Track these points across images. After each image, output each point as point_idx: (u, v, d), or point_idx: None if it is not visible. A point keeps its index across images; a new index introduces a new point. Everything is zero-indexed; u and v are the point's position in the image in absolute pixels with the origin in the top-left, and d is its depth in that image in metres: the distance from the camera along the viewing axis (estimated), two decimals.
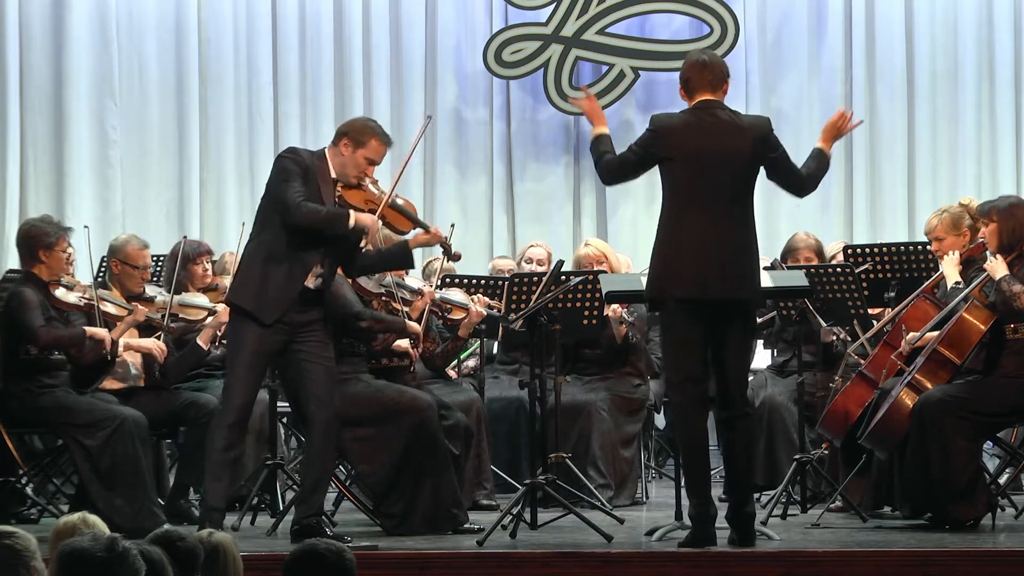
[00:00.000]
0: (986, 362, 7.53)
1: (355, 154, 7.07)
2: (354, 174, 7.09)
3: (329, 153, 7.13)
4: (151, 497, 7.57)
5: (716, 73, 6.87)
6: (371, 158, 7.09)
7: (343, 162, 7.09)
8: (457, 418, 7.94)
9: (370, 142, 7.09)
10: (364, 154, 7.08)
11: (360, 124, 7.27)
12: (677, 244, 6.74)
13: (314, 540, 4.42)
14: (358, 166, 7.08)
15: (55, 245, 7.76)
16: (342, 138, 7.11)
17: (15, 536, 3.96)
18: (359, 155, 7.07)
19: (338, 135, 7.15)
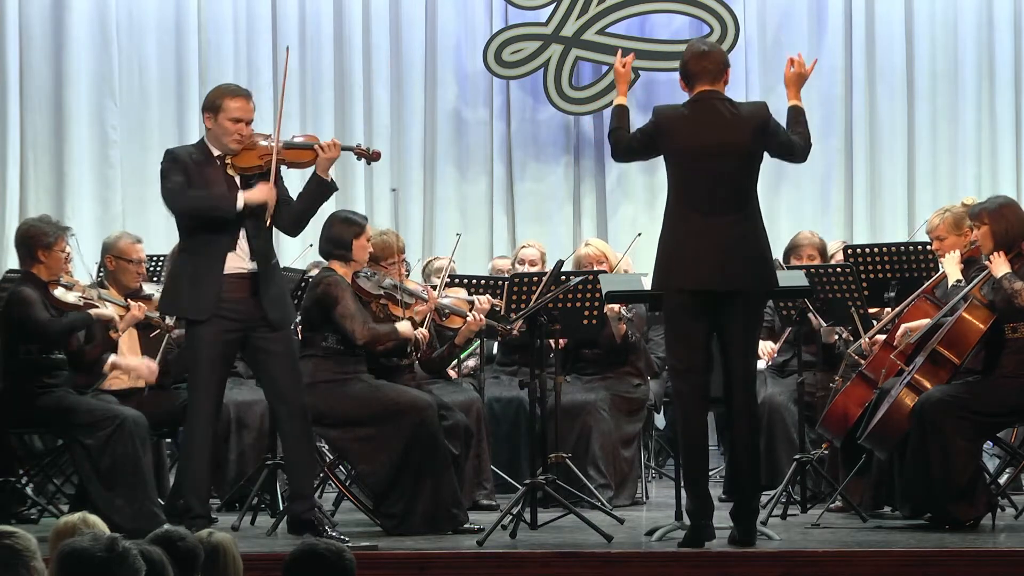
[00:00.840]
0: (986, 362, 7.53)
1: (219, 121, 7.07)
2: (230, 140, 7.07)
3: (207, 138, 7.15)
4: (151, 497, 7.56)
5: (716, 62, 6.86)
6: (234, 117, 7.06)
7: (215, 135, 7.10)
8: (457, 418, 7.94)
9: (224, 103, 7.08)
10: (225, 116, 7.06)
11: (211, 92, 7.27)
12: (678, 236, 6.76)
13: (313, 540, 4.42)
14: (227, 131, 7.06)
15: (54, 245, 7.77)
16: (204, 115, 7.16)
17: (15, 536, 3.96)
18: (222, 120, 7.06)
19: (202, 114, 7.18)
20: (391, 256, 8.00)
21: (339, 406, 7.57)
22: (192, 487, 7.13)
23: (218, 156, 7.10)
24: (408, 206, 12.18)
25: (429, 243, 12.00)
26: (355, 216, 7.93)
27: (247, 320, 7.05)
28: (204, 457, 7.12)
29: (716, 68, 6.84)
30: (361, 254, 7.77)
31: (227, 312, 7.03)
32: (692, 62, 6.86)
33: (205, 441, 7.12)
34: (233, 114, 7.05)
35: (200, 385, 7.09)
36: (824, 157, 12.20)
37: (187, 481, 7.17)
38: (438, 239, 12.08)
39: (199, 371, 7.09)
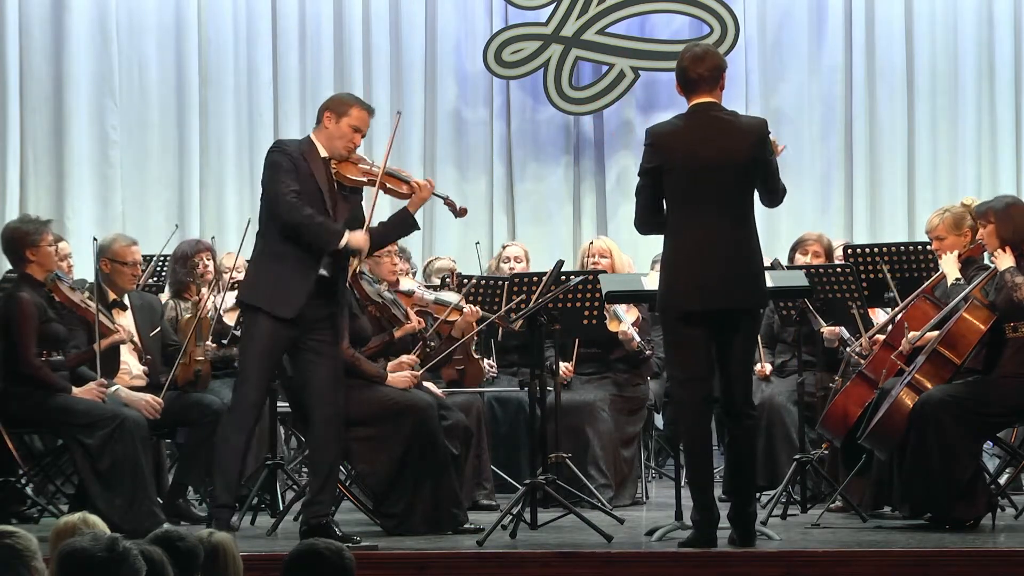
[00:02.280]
0: (986, 362, 7.53)
1: (339, 124, 7.12)
2: (342, 145, 7.13)
3: (315, 135, 7.18)
4: (151, 497, 7.56)
5: (712, 67, 6.75)
6: (355, 126, 7.14)
7: (330, 135, 7.14)
8: (457, 418, 7.93)
9: (351, 110, 7.15)
10: (348, 122, 7.13)
11: (339, 96, 7.39)
12: (679, 255, 6.70)
13: (313, 539, 4.42)
14: (344, 136, 7.13)
15: (40, 241, 7.77)
16: (324, 112, 7.18)
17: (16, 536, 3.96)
18: (343, 124, 7.12)
19: (320, 112, 7.21)
20: None
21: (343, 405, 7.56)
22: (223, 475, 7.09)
23: (324, 158, 7.12)
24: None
25: (429, 243, 12.01)
26: None
27: (309, 320, 7.06)
28: (239, 448, 7.08)
29: (713, 74, 6.75)
30: None
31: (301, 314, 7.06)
32: (690, 68, 6.76)
33: (244, 433, 7.08)
34: (356, 122, 7.14)
35: (252, 376, 7.06)
36: (824, 157, 12.21)
37: (219, 468, 7.12)
38: (438, 239, 12.09)
39: (254, 361, 7.06)
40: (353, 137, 7.15)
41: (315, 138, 7.17)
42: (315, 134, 7.19)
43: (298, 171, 7.04)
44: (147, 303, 8.38)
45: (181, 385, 8.12)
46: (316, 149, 7.13)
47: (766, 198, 6.87)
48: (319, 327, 7.08)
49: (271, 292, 7.03)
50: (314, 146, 7.14)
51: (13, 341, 7.66)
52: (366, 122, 7.20)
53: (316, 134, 7.18)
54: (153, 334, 8.25)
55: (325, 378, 7.10)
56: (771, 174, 6.78)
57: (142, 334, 8.19)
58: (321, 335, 7.09)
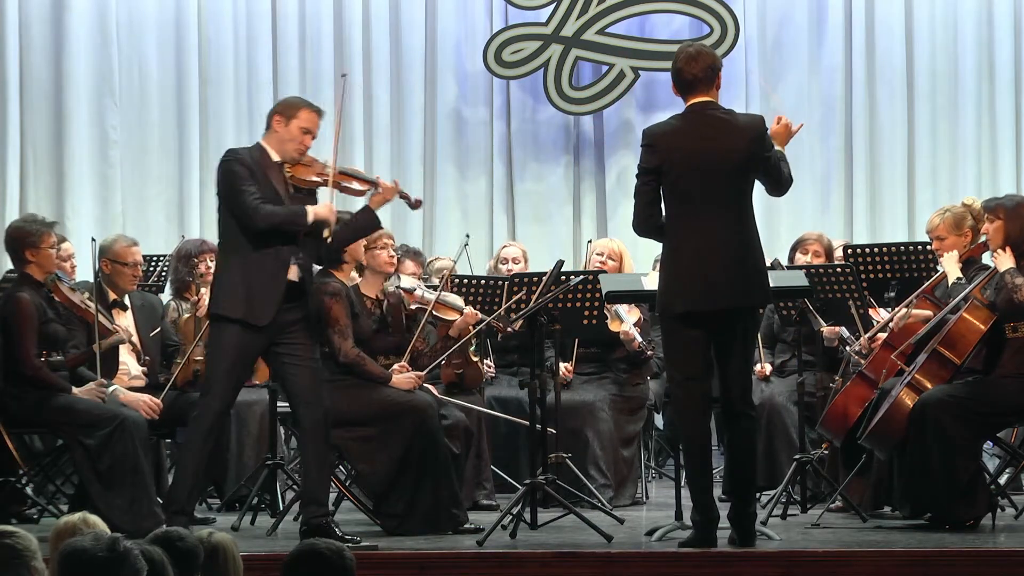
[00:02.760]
0: (986, 362, 7.53)
1: (289, 127, 7.14)
2: (294, 148, 7.14)
3: (265, 141, 7.20)
4: (151, 497, 7.56)
5: (707, 66, 6.75)
6: (305, 127, 7.16)
7: (280, 139, 7.16)
8: (456, 417, 7.93)
9: (300, 112, 7.17)
10: (298, 124, 7.15)
11: (287, 100, 7.44)
12: (681, 255, 6.69)
13: (314, 539, 4.42)
14: (295, 139, 7.14)
15: (40, 243, 7.77)
16: (274, 117, 7.21)
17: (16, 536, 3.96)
18: (293, 127, 7.14)
19: (269, 117, 7.24)
20: (379, 239, 7.97)
21: (339, 406, 7.55)
22: (184, 482, 7.13)
23: (277, 162, 7.13)
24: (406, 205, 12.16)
25: (429, 243, 12.00)
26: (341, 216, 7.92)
27: (284, 326, 7.07)
28: (203, 456, 7.12)
29: (708, 73, 6.76)
30: (355, 251, 7.78)
31: None
32: (685, 68, 6.76)
33: (208, 441, 7.11)
34: (305, 124, 7.16)
35: (218, 386, 7.10)
36: (824, 157, 12.21)
37: (181, 474, 7.18)
38: (438, 239, 12.08)
39: (221, 372, 7.09)
40: (303, 139, 7.15)
41: (265, 144, 7.18)
42: (265, 140, 7.20)
43: (255, 177, 7.05)
44: (147, 303, 8.38)
45: (181, 385, 8.13)
46: (268, 154, 7.15)
47: (771, 189, 6.88)
48: (291, 332, 7.10)
49: (243, 301, 7.04)
50: (265, 152, 7.15)
51: (13, 341, 7.66)
52: (316, 123, 7.20)
53: (266, 140, 7.19)
54: (153, 334, 8.26)
55: (306, 382, 7.11)
56: (771, 168, 6.79)
57: (142, 334, 8.19)
58: (294, 339, 7.10)
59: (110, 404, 7.66)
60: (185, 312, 8.60)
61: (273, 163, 7.13)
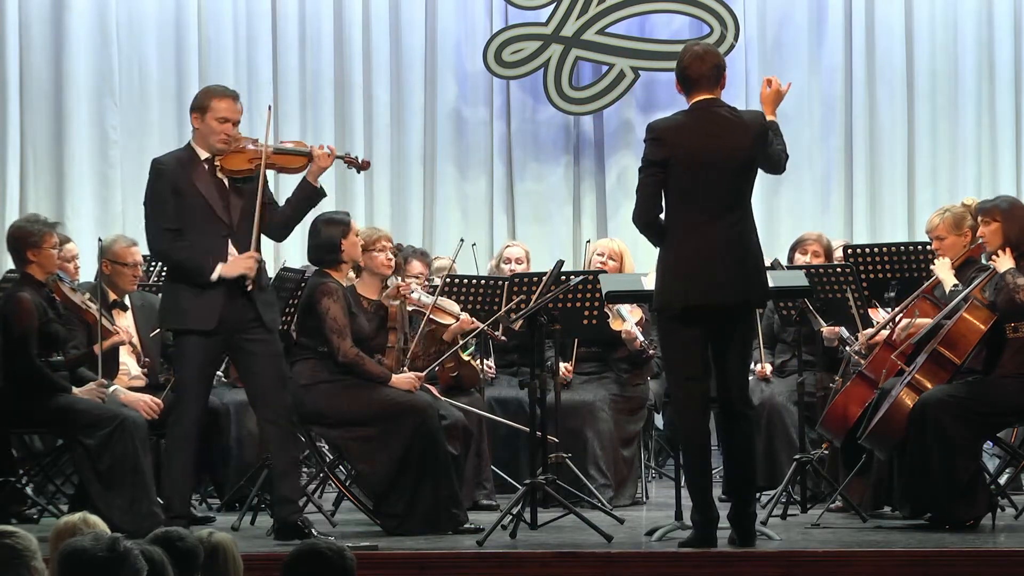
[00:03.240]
0: (986, 362, 7.53)
1: (206, 121, 7.13)
2: (216, 140, 7.12)
3: (193, 141, 7.20)
4: (151, 497, 7.56)
5: (713, 65, 6.78)
6: (221, 116, 7.12)
7: (202, 135, 7.15)
8: (455, 417, 7.93)
9: (211, 103, 7.15)
10: (213, 116, 7.12)
11: (200, 93, 7.38)
12: (683, 252, 6.69)
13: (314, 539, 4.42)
14: (214, 131, 7.12)
15: (42, 243, 7.77)
16: (191, 115, 7.22)
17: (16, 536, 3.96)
18: (209, 119, 7.13)
19: (190, 115, 7.23)
20: (378, 242, 7.97)
21: (339, 406, 7.57)
22: (175, 488, 7.17)
23: (206, 159, 7.12)
24: (408, 206, 12.19)
25: (429, 243, 12.00)
26: (338, 215, 7.93)
27: (236, 323, 7.09)
28: (188, 458, 7.19)
29: (714, 72, 6.78)
30: (353, 251, 7.77)
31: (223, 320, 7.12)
32: (691, 67, 6.78)
33: (191, 445, 7.19)
34: (220, 114, 7.11)
35: (189, 394, 7.18)
36: (824, 157, 12.20)
37: (170, 481, 7.23)
38: (438, 239, 12.08)
39: (189, 377, 7.17)
40: (223, 128, 7.12)
41: (194, 143, 7.19)
42: (193, 139, 7.22)
43: (176, 188, 7.06)
44: (148, 303, 8.38)
45: None
46: (195, 153, 7.15)
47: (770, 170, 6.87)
48: (249, 328, 7.12)
49: (187, 310, 7.09)
50: (193, 151, 7.16)
51: (13, 341, 7.66)
52: (233, 109, 7.15)
53: (193, 139, 7.21)
54: (153, 335, 8.25)
55: (266, 378, 7.14)
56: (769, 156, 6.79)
57: (142, 335, 8.20)
58: (253, 335, 7.13)
59: (110, 404, 7.66)
60: None
61: (201, 162, 7.12)
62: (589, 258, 9.30)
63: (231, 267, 7.07)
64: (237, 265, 7.07)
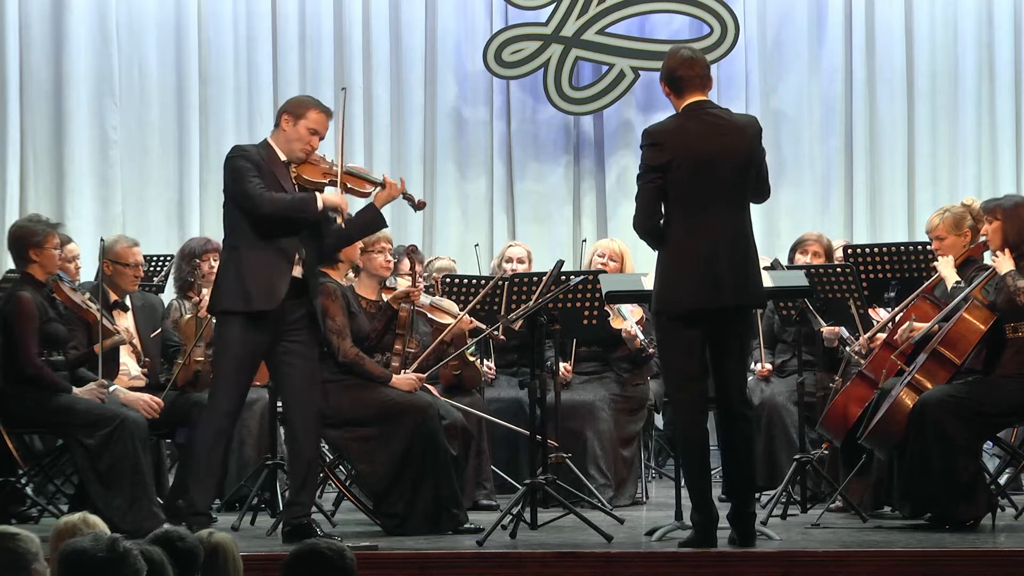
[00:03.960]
0: (986, 362, 7.53)
1: (297, 127, 7.15)
2: (300, 148, 7.15)
3: (272, 139, 7.21)
4: (151, 497, 7.56)
5: (703, 68, 6.83)
6: (313, 128, 7.16)
7: (288, 139, 7.16)
8: (454, 417, 7.93)
9: (308, 113, 7.18)
10: (306, 125, 7.15)
11: (296, 99, 7.42)
12: (685, 254, 6.69)
13: (315, 539, 4.42)
14: (302, 139, 7.15)
15: (45, 243, 7.78)
16: (282, 116, 7.21)
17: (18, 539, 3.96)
18: (301, 127, 7.15)
19: (278, 116, 7.25)
20: (378, 243, 7.97)
21: (339, 406, 7.57)
22: (199, 484, 7.12)
23: (284, 161, 7.14)
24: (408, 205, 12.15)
25: (429, 243, 12.01)
26: None
27: (287, 323, 7.07)
28: (216, 457, 7.12)
29: (703, 74, 6.82)
30: (351, 252, 7.78)
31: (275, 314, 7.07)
32: (681, 69, 6.80)
33: (219, 441, 7.11)
34: (313, 125, 7.16)
35: (225, 384, 7.09)
36: (824, 157, 12.20)
37: (195, 476, 7.15)
38: (438, 239, 12.09)
39: (228, 370, 7.09)
40: (311, 140, 7.16)
41: (272, 142, 7.19)
42: (272, 138, 7.21)
43: (261, 173, 7.05)
44: (148, 304, 8.39)
45: (181, 385, 8.13)
46: (275, 153, 7.16)
47: (757, 193, 6.88)
48: (295, 328, 7.11)
49: (244, 293, 7.03)
50: (272, 150, 7.17)
51: (14, 340, 7.66)
52: (324, 124, 7.21)
53: (274, 138, 7.21)
54: (154, 335, 8.26)
55: (300, 380, 7.12)
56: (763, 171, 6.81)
57: (142, 335, 8.20)
58: (297, 336, 7.11)
59: (110, 404, 7.66)
60: (187, 312, 8.60)
61: (280, 161, 7.15)
62: (589, 259, 9.30)
63: (333, 196, 7.12)
64: (338, 196, 7.13)
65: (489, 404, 8.76)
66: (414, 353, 7.98)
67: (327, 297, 7.61)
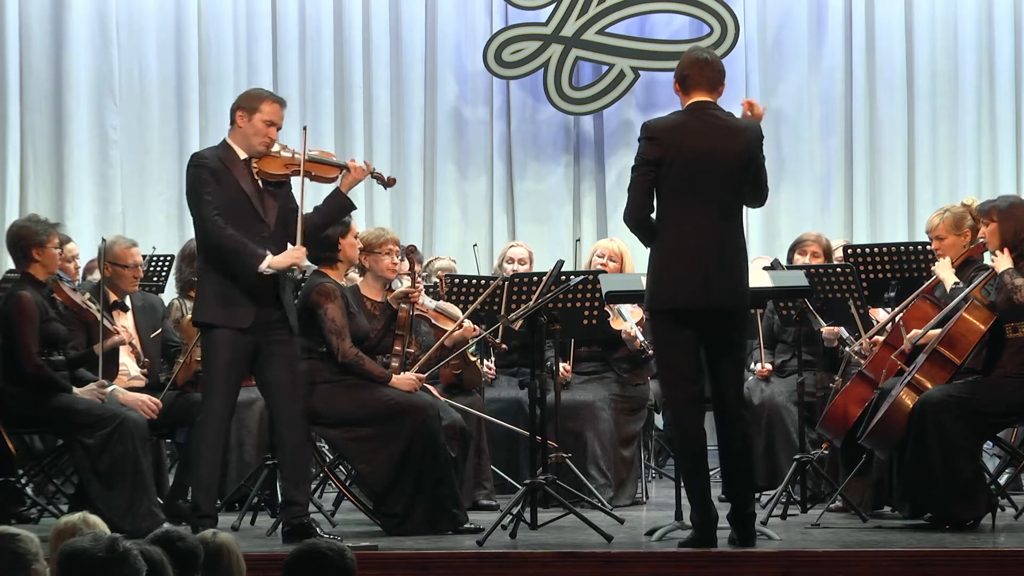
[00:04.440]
0: (986, 362, 7.53)
1: (252, 121, 7.15)
2: (259, 141, 7.15)
3: (231, 138, 7.20)
4: (151, 497, 7.57)
5: (715, 72, 6.83)
6: (269, 120, 7.16)
7: (245, 134, 7.17)
8: (452, 418, 7.93)
9: (262, 105, 7.18)
10: (261, 118, 7.15)
11: (248, 93, 7.41)
12: (677, 251, 6.69)
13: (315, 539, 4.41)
14: (259, 132, 7.15)
15: (46, 243, 7.78)
16: (236, 112, 7.21)
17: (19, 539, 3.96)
18: (256, 120, 7.15)
19: (232, 113, 7.24)
20: (385, 244, 7.97)
21: (339, 406, 7.56)
22: (201, 486, 7.14)
23: (244, 159, 7.14)
24: (408, 205, 12.19)
25: (429, 243, 12.01)
26: None
27: (264, 324, 7.09)
28: (216, 458, 7.15)
29: (715, 78, 6.82)
30: (350, 252, 7.77)
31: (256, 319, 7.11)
32: (692, 69, 6.81)
33: (218, 442, 7.15)
34: (268, 116, 7.15)
35: (217, 388, 7.12)
36: (824, 157, 12.21)
37: (196, 479, 7.18)
38: (438, 239, 12.09)
39: (218, 374, 7.11)
40: (268, 131, 7.16)
41: (231, 141, 7.20)
42: (230, 137, 7.21)
43: (220, 181, 7.06)
44: (148, 304, 8.39)
45: (181, 385, 8.13)
46: (234, 152, 7.16)
47: (754, 198, 6.88)
48: (274, 328, 7.13)
49: (222, 307, 7.07)
50: (231, 150, 7.16)
51: (14, 339, 7.67)
52: (279, 114, 7.20)
53: (231, 136, 7.21)
54: (154, 335, 8.26)
55: (283, 379, 7.15)
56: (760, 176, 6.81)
57: (143, 335, 8.20)
58: (276, 335, 7.13)
59: (110, 404, 7.67)
60: (188, 312, 8.60)
61: (239, 160, 7.13)
62: (589, 259, 9.30)
63: (282, 259, 7.07)
64: (288, 256, 7.09)
65: (489, 404, 8.76)
66: (414, 354, 7.98)
67: (325, 297, 7.61)
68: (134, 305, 8.25)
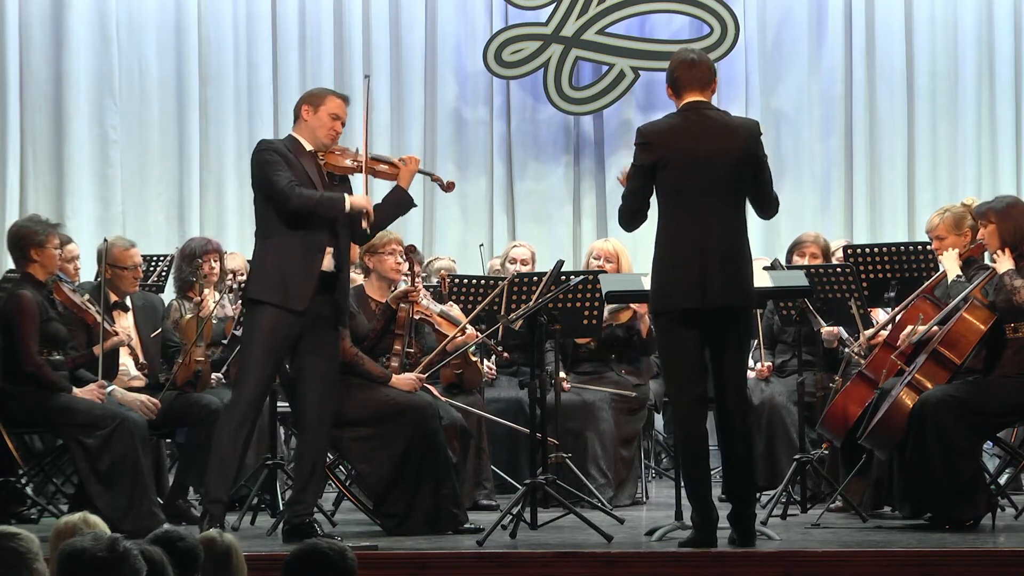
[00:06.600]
0: (986, 362, 7.53)
1: (318, 114, 7.23)
2: (325, 134, 7.22)
3: (296, 132, 7.27)
4: (151, 497, 7.57)
5: (704, 71, 6.82)
6: (334, 113, 7.24)
7: (311, 128, 7.23)
8: (452, 418, 7.93)
9: (327, 100, 7.27)
10: (326, 111, 7.23)
11: (312, 90, 7.51)
12: (677, 252, 6.69)
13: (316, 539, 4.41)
14: (325, 125, 7.22)
15: (46, 243, 7.79)
16: (301, 107, 7.28)
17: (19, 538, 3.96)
18: (322, 113, 7.23)
19: (297, 108, 7.30)
20: (388, 244, 7.97)
21: (339, 406, 7.56)
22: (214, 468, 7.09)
23: (310, 151, 7.18)
24: None
25: (429, 243, 12.01)
26: None
27: (315, 318, 7.07)
28: (236, 443, 7.07)
29: (705, 77, 6.81)
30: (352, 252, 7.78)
31: None
32: (681, 71, 6.81)
33: (243, 426, 7.07)
34: (334, 110, 7.24)
35: (253, 373, 7.06)
36: (824, 157, 12.20)
37: (211, 464, 7.12)
38: (438, 239, 12.09)
39: (256, 358, 7.06)
40: (333, 125, 7.24)
41: (297, 134, 7.25)
42: (296, 131, 7.27)
43: (290, 166, 7.09)
44: (148, 304, 8.39)
45: (181, 385, 8.13)
46: (301, 145, 7.21)
47: (761, 205, 6.86)
48: (321, 325, 7.10)
49: (279, 285, 7.04)
50: (298, 142, 7.22)
51: (14, 338, 7.67)
52: (343, 109, 7.29)
53: (297, 130, 7.26)
54: (154, 335, 8.26)
55: (321, 378, 7.12)
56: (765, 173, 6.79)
57: (143, 335, 8.20)
58: (322, 333, 7.11)
59: (110, 404, 7.67)
60: (188, 312, 8.60)
61: (307, 152, 7.19)
62: (586, 261, 9.29)
63: (359, 198, 7.18)
64: (364, 198, 7.21)
65: (489, 404, 8.76)
66: (414, 355, 7.98)
67: None
68: (134, 305, 8.25)
